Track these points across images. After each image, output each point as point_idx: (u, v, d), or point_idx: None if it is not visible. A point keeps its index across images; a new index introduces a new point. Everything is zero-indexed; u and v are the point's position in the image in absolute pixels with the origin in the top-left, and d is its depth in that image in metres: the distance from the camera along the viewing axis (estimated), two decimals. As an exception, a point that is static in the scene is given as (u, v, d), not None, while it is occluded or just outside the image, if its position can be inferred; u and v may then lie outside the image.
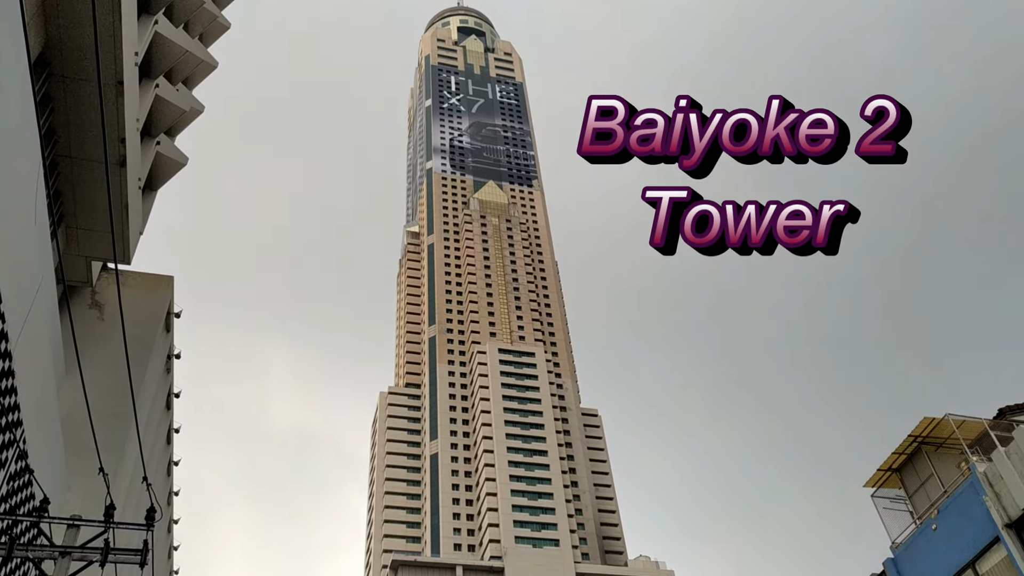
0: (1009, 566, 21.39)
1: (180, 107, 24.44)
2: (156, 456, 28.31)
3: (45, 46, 17.18)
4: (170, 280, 26.12)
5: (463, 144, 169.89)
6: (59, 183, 19.88)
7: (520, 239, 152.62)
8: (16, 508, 14.57)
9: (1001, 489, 21.84)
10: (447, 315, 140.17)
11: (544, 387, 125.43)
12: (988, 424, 25.32)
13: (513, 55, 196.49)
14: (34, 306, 14.93)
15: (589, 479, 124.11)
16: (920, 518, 25.74)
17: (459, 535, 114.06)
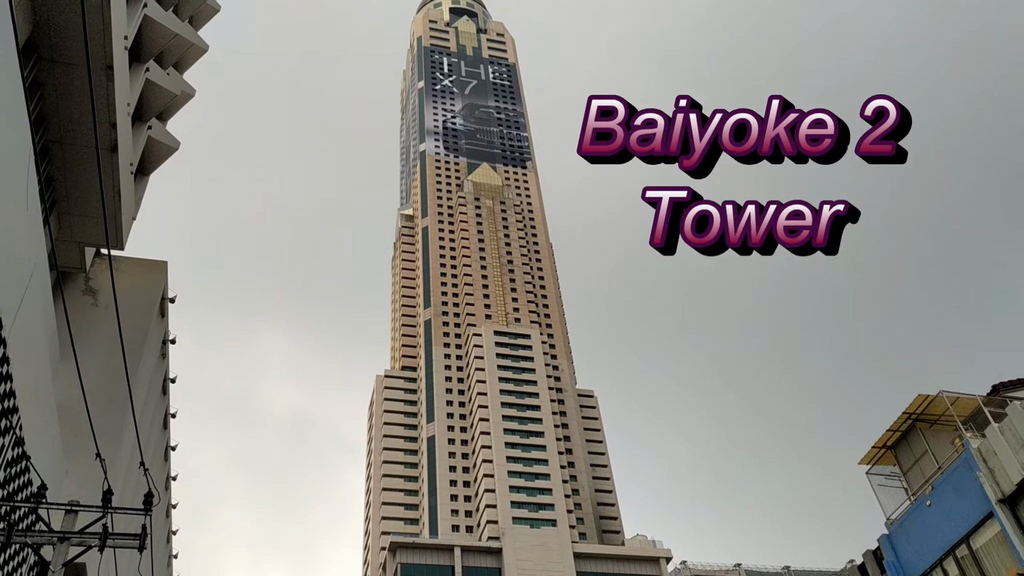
0: (1003, 541, 21.59)
1: (171, 91, 24.27)
2: (153, 441, 28.34)
3: (33, 30, 17.02)
4: (164, 265, 26.05)
5: (456, 126, 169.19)
6: (50, 169, 19.76)
7: (515, 221, 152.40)
8: (14, 494, 14.57)
9: (995, 465, 22.01)
10: (442, 298, 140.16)
11: (540, 369, 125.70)
12: (982, 400, 25.46)
13: (506, 36, 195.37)
14: (28, 292, 14.88)
15: (586, 460, 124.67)
16: (914, 495, 25.93)
17: (457, 516, 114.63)
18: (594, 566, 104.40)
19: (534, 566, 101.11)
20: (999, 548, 21.82)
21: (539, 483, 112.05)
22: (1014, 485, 21.32)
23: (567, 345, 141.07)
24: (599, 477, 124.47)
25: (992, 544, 22.09)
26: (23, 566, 15.38)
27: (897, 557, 25.46)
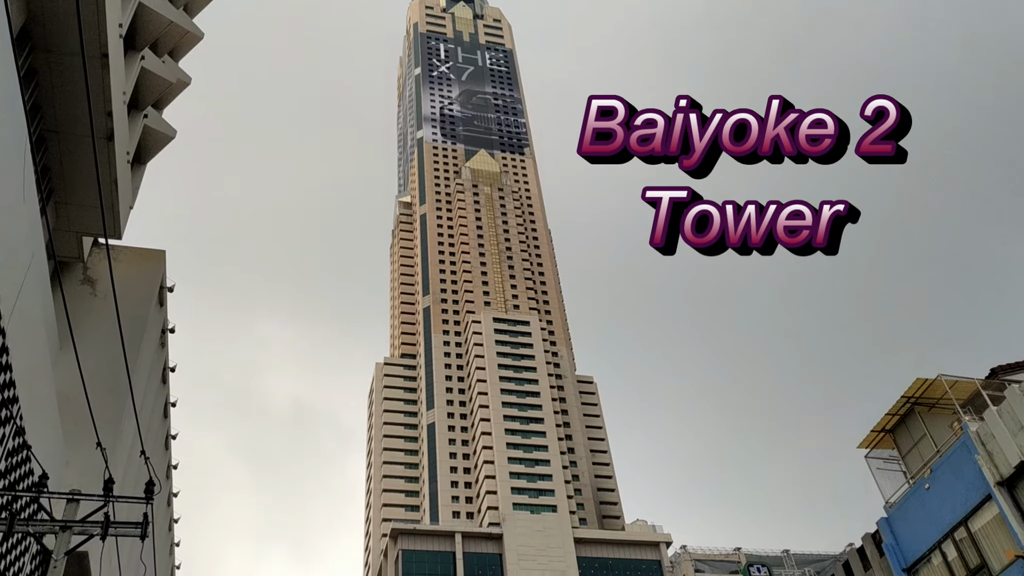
0: (1001, 523, 21.69)
1: (167, 79, 24.15)
2: (153, 430, 28.39)
3: (27, 19, 16.93)
4: (162, 254, 26.01)
5: (453, 113, 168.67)
6: (47, 158, 19.70)
7: (513, 207, 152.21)
8: (15, 484, 14.61)
9: (993, 448, 22.08)
10: (441, 285, 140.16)
11: (539, 355, 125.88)
12: (980, 384, 25.53)
13: (502, 21, 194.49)
14: (26, 282, 14.87)
15: (585, 445, 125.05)
16: (913, 478, 26.02)
17: (457, 503, 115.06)
18: (594, 551, 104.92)
19: (535, 551, 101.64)
20: (997, 530, 21.92)
21: (539, 469, 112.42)
22: (1012, 468, 21.40)
23: (566, 331, 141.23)
24: (599, 463, 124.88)
25: (990, 526, 22.20)
26: (26, 555, 15.45)
27: (896, 540, 25.58)
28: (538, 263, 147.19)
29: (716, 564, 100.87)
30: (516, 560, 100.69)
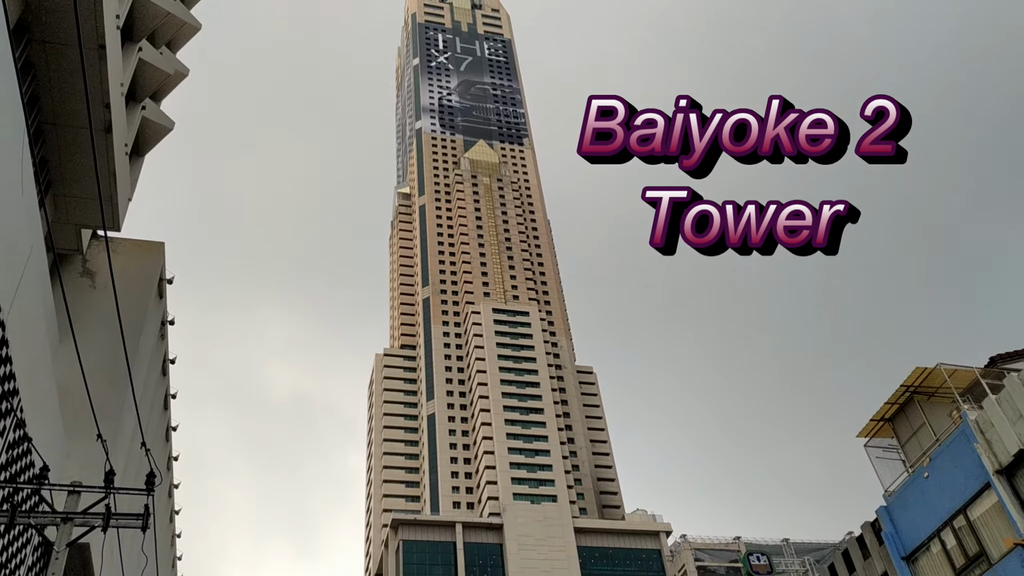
0: (1000, 511, 21.75)
1: (164, 70, 24.08)
2: (154, 422, 28.43)
3: (24, 11, 16.87)
4: (161, 246, 25.98)
5: (452, 103, 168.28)
6: (45, 151, 19.66)
7: (512, 198, 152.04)
8: (16, 476, 14.64)
9: (992, 436, 22.12)
10: (440, 276, 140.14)
11: (539, 346, 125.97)
12: (979, 372, 25.56)
13: (501, 11, 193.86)
14: (25, 275, 14.86)
15: (585, 436, 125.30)
16: (912, 466, 26.08)
17: (458, 493, 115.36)
18: (595, 541, 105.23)
19: (535, 541, 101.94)
20: (996, 518, 21.98)
21: (539, 459, 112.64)
22: (1011, 456, 21.45)
23: (566, 322, 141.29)
24: (599, 453, 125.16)
25: (989, 515, 22.26)
26: (27, 547, 15.50)
27: (895, 528, 25.66)
28: (537, 254, 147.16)
29: (716, 553, 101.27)
30: (516, 550, 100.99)
